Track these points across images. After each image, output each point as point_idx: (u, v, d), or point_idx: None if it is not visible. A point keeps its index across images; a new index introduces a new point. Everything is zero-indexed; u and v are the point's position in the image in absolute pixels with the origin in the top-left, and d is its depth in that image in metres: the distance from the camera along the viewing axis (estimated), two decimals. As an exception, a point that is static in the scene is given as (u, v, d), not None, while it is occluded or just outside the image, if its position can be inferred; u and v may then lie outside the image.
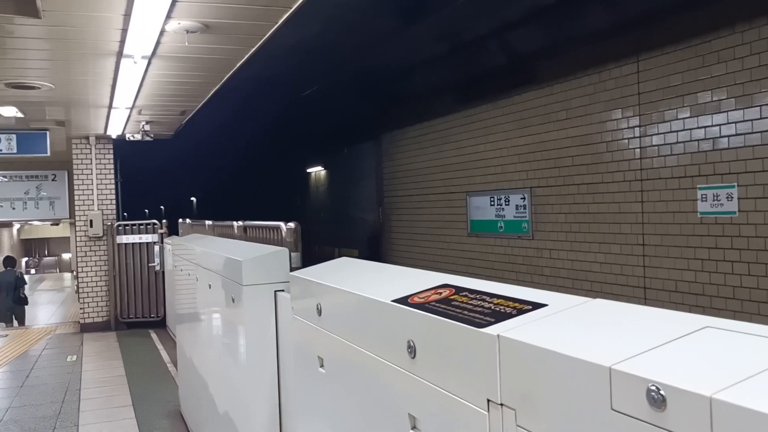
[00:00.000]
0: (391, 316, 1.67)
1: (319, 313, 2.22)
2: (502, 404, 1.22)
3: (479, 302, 1.49)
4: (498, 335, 1.22)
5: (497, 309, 1.40)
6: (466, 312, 1.43)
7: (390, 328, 1.68)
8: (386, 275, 2.19)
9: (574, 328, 1.19)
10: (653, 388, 0.87)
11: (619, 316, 1.23)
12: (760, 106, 5.48)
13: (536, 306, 1.35)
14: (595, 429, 0.99)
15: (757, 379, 0.82)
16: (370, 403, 1.83)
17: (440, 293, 1.66)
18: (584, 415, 1.01)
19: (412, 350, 1.54)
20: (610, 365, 0.95)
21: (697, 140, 6.03)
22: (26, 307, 12.66)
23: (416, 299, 1.65)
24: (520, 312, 1.34)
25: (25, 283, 12.68)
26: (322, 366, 2.22)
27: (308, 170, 17.50)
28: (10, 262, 12.96)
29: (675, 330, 1.04)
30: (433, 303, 1.58)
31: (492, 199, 9.08)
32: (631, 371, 0.92)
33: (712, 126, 5.89)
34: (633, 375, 0.91)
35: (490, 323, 1.30)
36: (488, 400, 1.25)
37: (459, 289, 1.65)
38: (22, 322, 12.18)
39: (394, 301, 1.68)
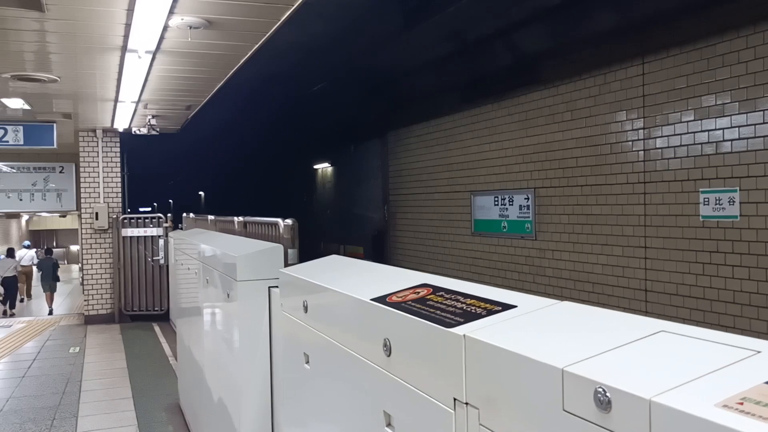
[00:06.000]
0: (369, 314, 1.69)
1: (306, 309, 2.25)
2: (467, 403, 1.23)
3: (453, 302, 1.50)
4: (464, 335, 1.24)
5: (468, 309, 1.41)
6: (438, 312, 1.45)
7: (368, 327, 1.70)
8: (372, 274, 2.21)
9: (537, 329, 1.21)
10: (600, 390, 0.89)
11: (582, 319, 1.24)
12: (763, 110, 5.46)
13: (506, 307, 1.37)
14: (548, 429, 1.00)
15: (696, 383, 0.83)
16: (350, 400, 1.85)
17: (418, 293, 1.68)
18: (539, 416, 1.03)
19: (387, 348, 1.56)
20: (563, 367, 0.97)
21: (701, 143, 6.01)
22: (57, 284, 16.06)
23: (394, 298, 1.67)
24: (490, 313, 1.35)
25: (59, 267, 16.01)
26: (307, 362, 2.25)
27: (315, 167, 17.53)
28: (48, 252, 16.82)
29: (631, 334, 1.05)
30: (410, 302, 1.60)
31: (496, 198, 9.07)
32: (581, 373, 0.94)
33: (716, 129, 5.87)
34: (582, 377, 0.93)
35: (459, 323, 1.32)
36: (455, 399, 1.27)
37: (436, 289, 1.67)
38: (54, 291, 15.35)
39: (373, 299, 1.70)
